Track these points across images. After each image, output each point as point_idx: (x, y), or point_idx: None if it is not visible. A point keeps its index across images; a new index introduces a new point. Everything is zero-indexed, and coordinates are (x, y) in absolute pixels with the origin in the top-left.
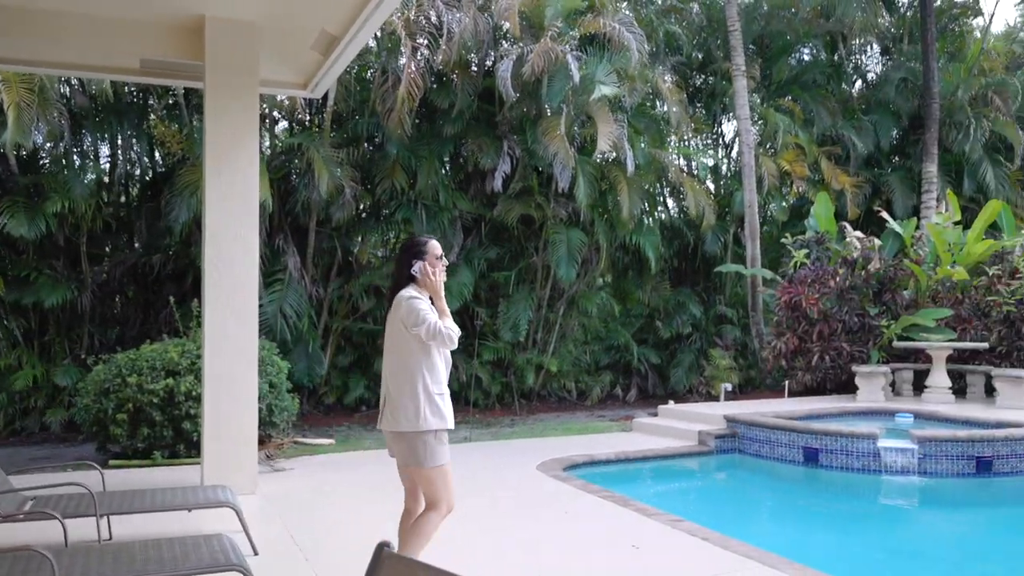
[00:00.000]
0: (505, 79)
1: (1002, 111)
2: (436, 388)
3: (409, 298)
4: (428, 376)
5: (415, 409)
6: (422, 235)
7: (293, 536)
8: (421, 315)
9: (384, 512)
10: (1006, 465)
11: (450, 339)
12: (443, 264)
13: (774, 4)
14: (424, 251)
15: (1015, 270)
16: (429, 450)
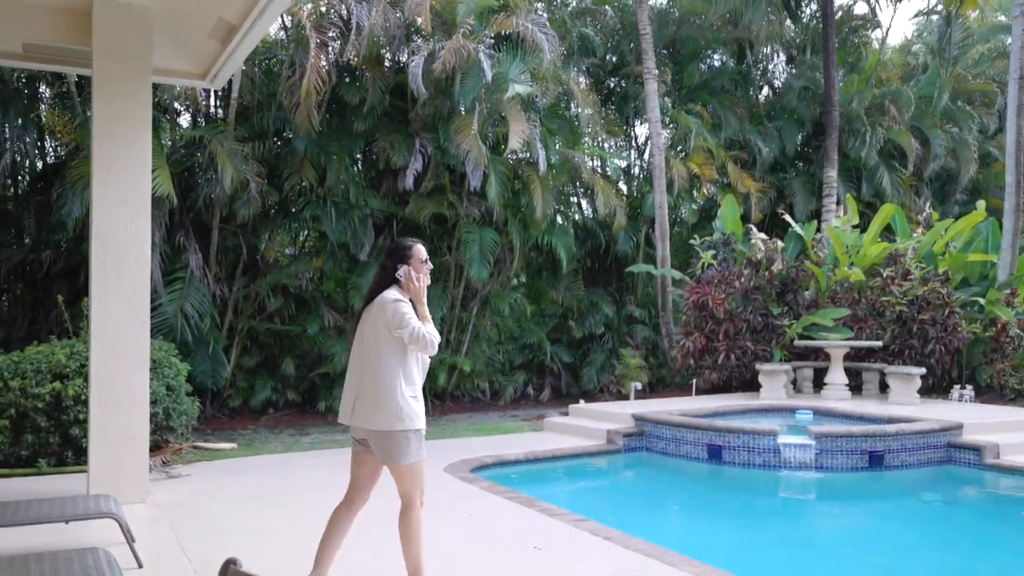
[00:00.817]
0: (416, 75)
1: (896, 120)
2: (410, 391)
3: (395, 300)
4: (407, 377)
5: (394, 409)
6: (408, 239)
7: (183, 546)
8: (406, 319)
9: (283, 517)
10: (896, 459)
11: (431, 344)
12: (428, 268)
13: (685, 10)
14: (409, 255)
15: (907, 272)
16: (405, 448)
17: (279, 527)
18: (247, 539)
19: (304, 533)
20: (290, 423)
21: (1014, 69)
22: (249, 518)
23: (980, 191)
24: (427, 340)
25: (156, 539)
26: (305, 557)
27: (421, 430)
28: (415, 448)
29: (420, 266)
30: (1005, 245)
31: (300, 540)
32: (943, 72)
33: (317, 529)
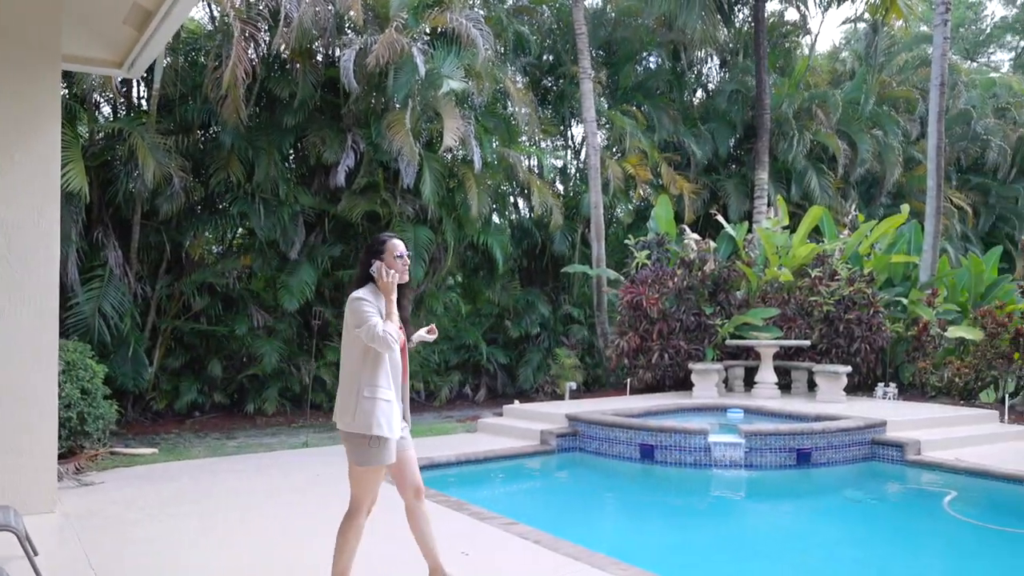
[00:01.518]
0: (348, 69)
1: (824, 123)
2: (370, 391)
3: (355, 299)
4: (367, 378)
5: (351, 409)
6: (385, 233)
7: (90, 559)
8: (363, 316)
9: (199, 527)
10: (823, 456)
11: (385, 342)
12: (404, 263)
13: (621, 11)
14: (383, 250)
15: (834, 272)
16: (360, 450)
17: (195, 537)
18: (160, 551)
19: (221, 543)
20: (217, 426)
21: (935, 76)
22: (164, 528)
23: (904, 194)
24: (382, 338)
25: (61, 552)
26: (220, 569)
27: (379, 436)
28: (372, 453)
29: (393, 261)
30: (926, 247)
31: (216, 551)
32: (869, 78)
33: (234, 539)
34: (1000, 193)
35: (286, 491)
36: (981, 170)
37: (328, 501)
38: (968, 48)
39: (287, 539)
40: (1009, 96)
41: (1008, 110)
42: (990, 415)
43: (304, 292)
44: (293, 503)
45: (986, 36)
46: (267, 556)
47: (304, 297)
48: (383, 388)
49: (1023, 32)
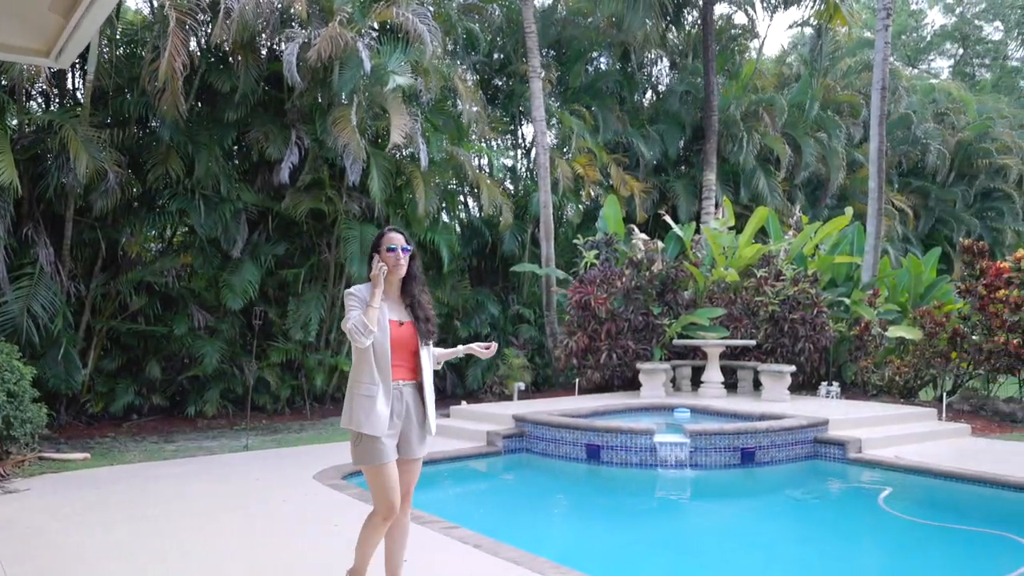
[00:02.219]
0: (291, 63)
1: (771, 126)
2: (358, 388)
3: (345, 293)
4: (352, 373)
5: (344, 406)
6: (388, 227)
7: (7, 570)
8: (347, 310)
9: (127, 536)
10: (767, 455)
11: (352, 335)
12: (395, 257)
13: (571, 10)
14: (379, 243)
15: (779, 272)
16: (354, 448)
17: (122, 547)
18: (83, 560)
19: (148, 553)
20: (155, 430)
21: (877, 80)
22: (88, 537)
23: (848, 196)
24: (348, 331)
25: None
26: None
27: (366, 435)
28: (356, 451)
29: (386, 255)
30: (868, 248)
31: (143, 561)
32: (814, 83)
33: (163, 548)
34: (939, 196)
35: (222, 496)
36: (921, 173)
37: (265, 506)
38: (909, 55)
39: (219, 548)
40: (948, 102)
41: (947, 115)
42: (929, 413)
43: (247, 291)
44: (228, 509)
45: (926, 44)
46: (197, 566)
47: (247, 296)
48: (365, 384)
49: (961, 40)
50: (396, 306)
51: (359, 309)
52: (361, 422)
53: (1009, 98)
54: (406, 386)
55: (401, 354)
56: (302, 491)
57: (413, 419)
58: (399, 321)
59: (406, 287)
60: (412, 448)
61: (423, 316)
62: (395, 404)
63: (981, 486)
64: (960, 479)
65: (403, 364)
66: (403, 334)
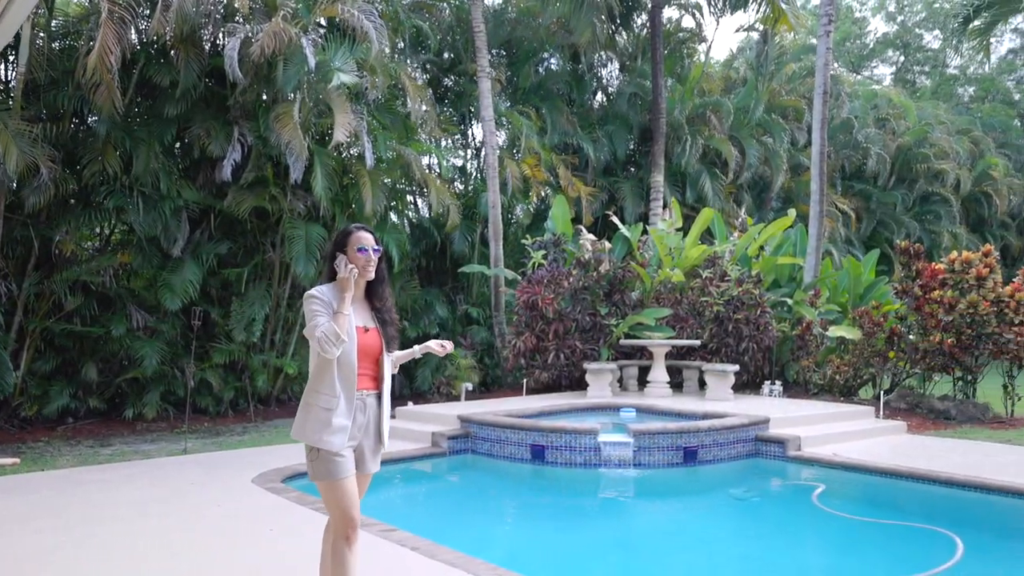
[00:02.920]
0: (232, 59)
1: (717, 129)
2: (309, 398)
3: (307, 296)
4: (310, 383)
5: (297, 416)
6: (355, 223)
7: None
8: (311, 314)
9: (53, 544)
10: (708, 454)
11: (320, 344)
12: (366, 258)
13: (521, 11)
14: (345, 242)
15: (724, 273)
16: (309, 462)
17: (47, 554)
18: (6, 570)
19: (73, 560)
20: (91, 433)
21: (819, 85)
22: (15, 544)
23: (792, 199)
24: (316, 339)
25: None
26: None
27: (319, 449)
28: (318, 467)
29: (355, 256)
30: (810, 249)
31: (67, 569)
32: (760, 86)
33: (88, 555)
34: (880, 199)
35: (153, 502)
36: (863, 177)
37: (198, 512)
38: (853, 61)
39: (148, 555)
40: (889, 108)
41: (888, 120)
42: (866, 411)
43: (188, 291)
44: (161, 515)
45: (869, 51)
46: (115, 566)
47: (188, 296)
48: (324, 395)
49: (902, 48)
50: (361, 310)
51: (325, 315)
52: (319, 437)
53: (947, 105)
54: (369, 396)
55: (365, 362)
56: (238, 495)
57: (371, 431)
58: (364, 327)
59: (374, 290)
60: (366, 462)
61: (389, 321)
62: (357, 416)
63: (914, 482)
64: (894, 475)
65: (367, 373)
66: (368, 341)
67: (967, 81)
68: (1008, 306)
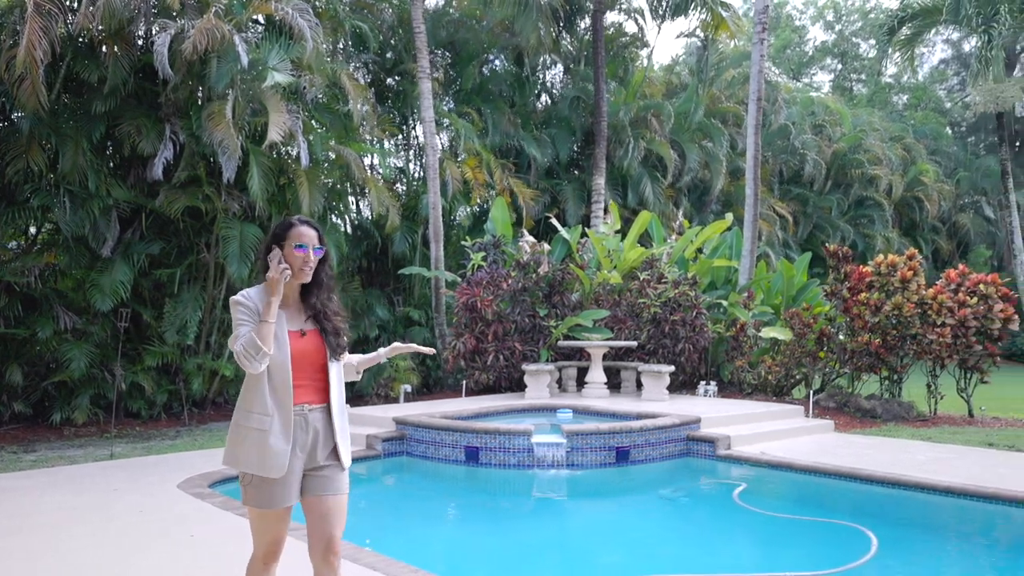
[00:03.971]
0: (162, 55)
1: (658, 132)
2: (247, 420)
3: (232, 301)
4: (246, 402)
5: (229, 437)
6: (297, 216)
7: None
8: (234, 324)
9: None
10: (641, 454)
11: (239, 358)
12: (304, 258)
13: (464, 12)
14: (283, 236)
15: (661, 275)
16: (245, 491)
17: None
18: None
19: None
20: (16, 439)
21: (753, 91)
22: None
23: (732, 202)
24: (238, 353)
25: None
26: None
27: (248, 473)
28: (250, 493)
29: (292, 253)
30: (745, 252)
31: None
32: (700, 91)
33: (2, 566)
34: (817, 203)
35: (75, 508)
36: (800, 182)
37: (120, 518)
38: (793, 68)
39: (67, 561)
40: (825, 114)
41: (824, 127)
42: (796, 410)
43: (118, 292)
44: (81, 521)
45: (809, 58)
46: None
47: (118, 297)
48: (256, 415)
49: (840, 56)
50: (295, 314)
51: (249, 324)
52: (251, 461)
53: (883, 112)
54: (313, 411)
55: (306, 371)
56: (162, 501)
57: (321, 450)
58: (300, 331)
59: (308, 295)
60: (325, 483)
61: (331, 328)
62: (298, 435)
63: (836, 479)
64: (817, 473)
65: (308, 383)
66: (306, 346)
67: (901, 89)
68: (931, 308)
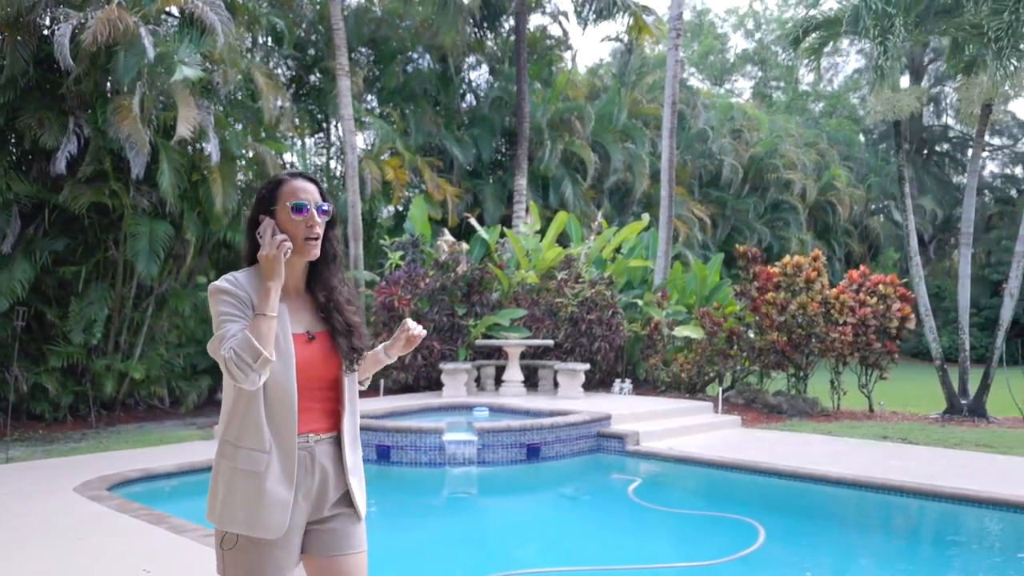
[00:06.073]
0: (62, 45)
1: (579, 134)
2: (236, 458)
3: (212, 290)
4: (233, 432)
5: (211, 483)
6: (285, 172)
7: None
8: (215, 320)
9: None
10: (551, 450)
11: (226, 366)
12: (309, 221)
13: (386, 10)
14: (273, 199)
15: (578, 275)
16: (226, 556)
17: None
18: None
19: None
20: None
21: (668, 96)
22: None
23: (653, 204)
24: (225, 360)
25: None
26: None
27: (233, 533)
28: (233, 561)
29: (288, 219)
30: (660, 252)
31: None
32: (623, 93)
33: None
34: (735, 206)
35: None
36: (719, 185)
37: (8, 525)
38: (715, 74)
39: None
40: (744, 120)
41: (742, 132)
42: (706, 407)
43: (16, 290)
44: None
45: (730, 65)
46: None
47: (17, 296)
48: (246, 451)
49: (760, 64)
50: (300, 308)
51: (240, 320)
52: (237, 517)
53: (801, 119)
54: (320, 442)
55: (313, 389)
56: (56, 505)
57: (330, 495)
58: (307, 333)
59: (318, 275)
60: (338, 539)
61: (342, 326)
62: (301, 477)
63: (737, 472)
64: (720, 467)
65: (316, 405)
66: (314, 355)
67: (817, 97)
68: (834, 307)
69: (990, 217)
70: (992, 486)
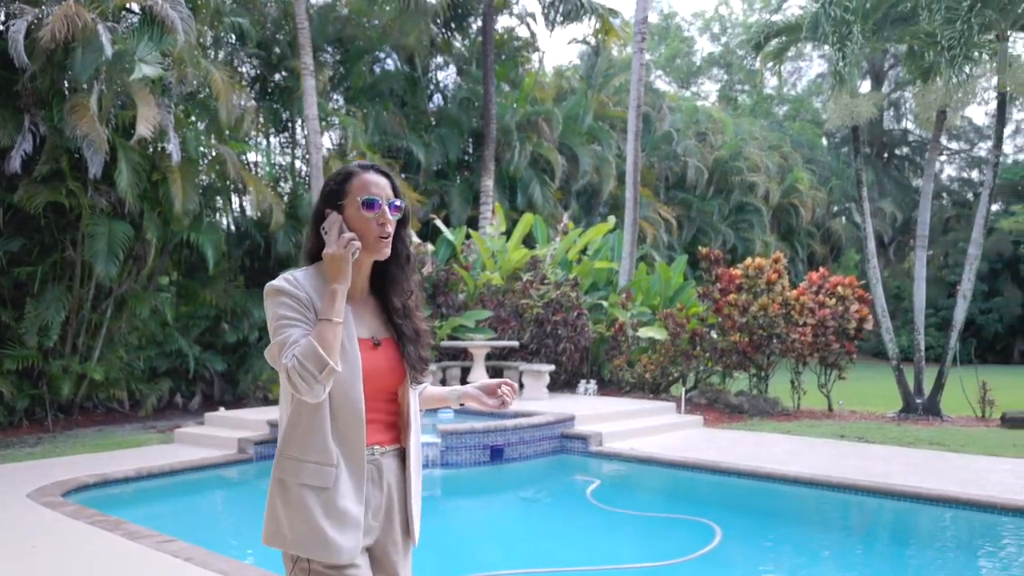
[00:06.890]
0: (17, 42)
1: (546, 136)
2: (299, 473)
3: (270, 291)
4: (297, 447)
5: (270, 504)
6: (357, 163)
7: None
8: (273, 324)
9: None
10: (515, 452)
11: (288, 375)
12: (379, 220)
13: (353, 9)
14: (342, 192)
15: (544, 276)
16: None
17: None
18: None
19: None
20: None
21: (633, 98)
22: None
23: (620, 206)
24: (288, 369)
25: None
26: None
27: (311, 561)
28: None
29: (358, 215)
30: (624, 254)
31: None
32: (589, 96)
33: None
34: (700, 208)
35: None
36: (684, 187)
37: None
38: (682, 77)
39: None
40: (709, 122)
41: (707, 134)
42: (669, 407)
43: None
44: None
45: (697, 68)
46: None
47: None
48: (311, 465)
49: (726, 67)
50: (364, 311)
51: (301, 324)
52: (306, 541)
53: (766, 122)
54: (386, 455)
55: (378, 400)
56: (8, 512)
57: (396, 514)
58: (372, 339)
59: (391, 277)
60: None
61: (410, 332)
62: (370, 492)
63: (697, 472)
64: (680, 467)
65: (379, 416)
66: (379, 363)
67: (782, 101)
68: (794, 309)
69: (947, 220)
70: (944, 484)
